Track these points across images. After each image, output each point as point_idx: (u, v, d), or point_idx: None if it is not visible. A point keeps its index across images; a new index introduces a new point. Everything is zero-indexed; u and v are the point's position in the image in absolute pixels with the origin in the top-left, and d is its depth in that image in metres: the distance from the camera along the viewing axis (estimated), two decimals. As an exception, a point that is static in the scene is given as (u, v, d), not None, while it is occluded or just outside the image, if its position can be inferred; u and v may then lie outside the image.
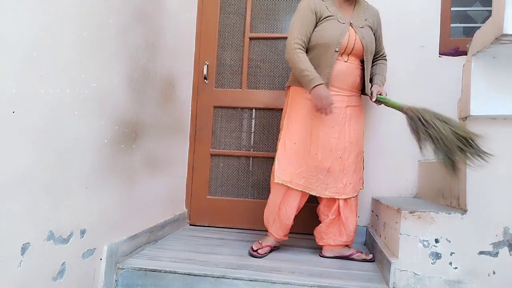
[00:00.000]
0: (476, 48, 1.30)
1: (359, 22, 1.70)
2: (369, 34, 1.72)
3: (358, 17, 1.71)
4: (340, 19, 1.67)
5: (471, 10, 2.98)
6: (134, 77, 1.64)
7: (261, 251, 1.75)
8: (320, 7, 1.68)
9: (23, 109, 1.02)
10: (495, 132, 1.36)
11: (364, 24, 1.71)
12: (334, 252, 1.78)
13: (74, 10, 1.21)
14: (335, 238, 1.77)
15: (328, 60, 1.64)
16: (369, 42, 1.70)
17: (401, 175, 2.08)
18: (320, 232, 1.81)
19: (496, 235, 1.34)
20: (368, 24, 1.73)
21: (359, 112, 1.77)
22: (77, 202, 1.29)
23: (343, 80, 1.68)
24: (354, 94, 1.74)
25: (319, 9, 1.68)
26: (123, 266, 1.53)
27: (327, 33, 1.64)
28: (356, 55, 1.69)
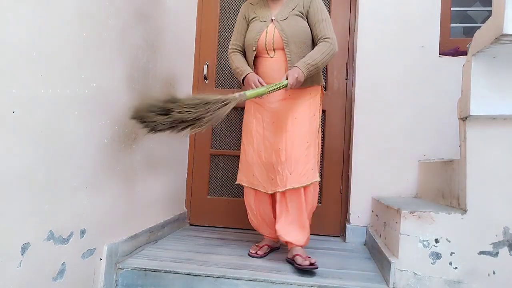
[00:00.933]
0: (476, 48, 1.30)
1: (283, 15, 1.69)
2: (293, 24, 1.67)
3: (283, 10, 1.70)
4: (262, 18, 1.72)
5: (471, 10, 2.98)
6: (134, 77, 1.64)
7: (260, 252, 1.75)
8: (248, 12, 1.78)
9: (23, 109, 1.02)
10: (495, 132, 1.36)
11: (290, 14, 1.68)
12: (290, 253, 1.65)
13: (74, 10, 1.21)
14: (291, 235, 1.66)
15: (250, 60, 1.74)
16: (290, 32, 1.66)
17: (401, 175, 2.08)
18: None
19: (496, 235, 1.34)
20: (296, 13, 1.68)
21: (301, 102, 1.70)
22: (77, 202, 1.29)
23: (271, 76, 1.68)
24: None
25: (248, 14, 1.78)
26: (123, 266, 1.53)
27: (248, 35, 1.74)
28: (280, 48, 1.68)
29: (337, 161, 2.28)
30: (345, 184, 2.26)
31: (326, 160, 2.29)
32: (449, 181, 1.57)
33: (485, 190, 1.36)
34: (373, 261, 1.75)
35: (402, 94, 2.10)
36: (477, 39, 1.31)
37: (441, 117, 2.03)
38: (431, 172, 1.85)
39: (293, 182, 1.61)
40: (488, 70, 1.32)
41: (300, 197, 1.63)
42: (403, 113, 2.09)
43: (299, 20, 1.68)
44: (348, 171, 2.24)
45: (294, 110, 1.69)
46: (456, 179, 1.47)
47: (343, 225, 2.23)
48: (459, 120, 1.45)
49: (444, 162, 1.64)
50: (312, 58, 1.61)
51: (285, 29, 1.66)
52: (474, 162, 1.36)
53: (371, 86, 2.13)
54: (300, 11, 1.69)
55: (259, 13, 1.74)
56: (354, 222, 2.13)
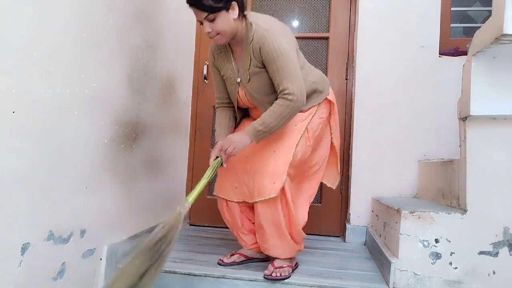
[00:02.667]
0: (476, 48, 1.30)
1: (245, 75, 1.49)
2: (257, 85, 1.49)
3: (244, 66, 1.49)
4: (230, 79, 1.57)
5: (471, 10, 2.98)
6: (134, 77, 1.64)
7: (226, 260, 1.61)
8: (216, 63, 1.62)
9: (23, 109, 1.02)
10: (495, 132, 1.36)
11: (250, 74, 1.47)
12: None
13: (74, 10, 1.21)
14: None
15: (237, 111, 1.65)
16: (257, 94, 1.50)
17: (401, 175, 2.08)
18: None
19: (496, 235, 1.34)
20: (254, 69, 1.46)
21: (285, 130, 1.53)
22: (77, 202, 1.29)
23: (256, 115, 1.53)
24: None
25: (217, 65, 1.62)
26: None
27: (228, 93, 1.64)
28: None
29: (337, 161, 2.28)
30: (345, 184, 2.26)
31: (326, 160, 2.29)
32: (449, 181, 1.57)
33: (485, 190, 1.36)
34: (373, 261, 1.75)
35: (402, 94, 2.10)
36: (477, 39, 1.31)
37: (441, 117, 2.03)
38: (431, 172, 1.85)
39: (256, 195, 1.44)
40: (488, 70, 1.32)
41: (274, 211, 1.44)
42: (403, 113, 2.09)
43: (260, 77, 1.47)
44: (348, 171, 2.24)
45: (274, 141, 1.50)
46: (456, 179, 1.47)
47: (343, 225, 2.23)
48: (459, 120, 1.45)
49: (444, 162, 1.64)
50: (265, 124, 1.38)
51: (252, 92, 1.51)
52: (474, 162, 1.37)
53: (371, 86, 2.13)
54: (257, 65, 1.45)
55: (226, 70, 1.57)
56: (354, 222, 2.13)
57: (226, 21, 1.38)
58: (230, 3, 1.37)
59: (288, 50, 1.38)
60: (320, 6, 2.37)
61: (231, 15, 1.38)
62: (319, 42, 2.36)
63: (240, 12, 1.42)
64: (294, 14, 2.40)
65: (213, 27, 1.38)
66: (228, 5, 1.37)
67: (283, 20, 2.38)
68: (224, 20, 1.37)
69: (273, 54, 1.37)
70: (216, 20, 1.37)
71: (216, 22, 1.37)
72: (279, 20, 1.51)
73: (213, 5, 1.34)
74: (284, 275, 1.45)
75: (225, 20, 1.37)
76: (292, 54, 1.40)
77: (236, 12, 1.40)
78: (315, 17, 2.38)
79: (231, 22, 1.39)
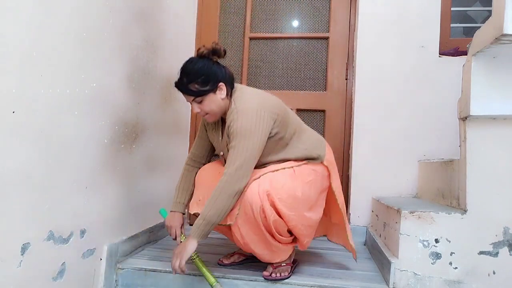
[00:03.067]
0: (476, 48, 1.30)
1: (225, 150, 1.47)
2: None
3: (223, 142, 1.48)
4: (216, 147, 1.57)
5: (471, 10, 2.98)
6: (134, 77, 1.64)
7: (226, 260, 1.62)
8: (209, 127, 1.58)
9: (23, 109, 1.02)
10: (495, 132, 1.36)
11: (229, 149, 1.39)
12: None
13: (74, 10, 1.21)
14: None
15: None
16: None
17: (401, 175, 2.08)
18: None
19: (496, 235, 1.34)
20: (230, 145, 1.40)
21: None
22: (77, 202, 1.29)
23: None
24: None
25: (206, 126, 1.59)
26: (123, 266, 1.53)
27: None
28: None
29: (337, 161, 2.27)
30: (345, 184, 2.25)
31: (326, 160, 2.29)
32: (449, 181, 1.57)
33: (485, 190, 1.36)
34: (373, 261, 1.75)
35: (402, 94, 2.10)
36: (477, 39, 1.31)
37: (441, 117, 2.03)
38: (431, 172, 1.84)
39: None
40: (488, 70, 1.32)
41: (255, 229, 1.35)
42: (403, 113, 2.09)
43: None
44: (348, 171, 2.24)
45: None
46: (456, 179, 1.47)
47: (343, 225, 2.23)
48: (459, 120, 1.45)
49: (444, 162, 1.64)
50: (203, 215, 1.31)
51: None
52: (474, 162, 1.36)
53: (371, 86, 2.13)
54: (230, 143, 1.39)
55: (213, 138, 1.56)
56: (354, 222, 2.13)
57: (213, 102, 1.39)
58: (217, 84, 1.38)
59: (251, 131, 1.32)
60: (320, 6, 2.37)
61: (218, 95, 1.39)
62: (319, 42, 2.36)
63: (229, 90, 1.43)
64: (294, 14, 2.40)
65: (201, 107, 1.39)
66: (215, 87, 1.38)
67: (283, 20, 2.39)
68: (211, 101, 1.39)
69: (234, 133, 1.34)
70: (204, 102, 1.38)
71: (204, 104, 1.38)
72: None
73: (199, 89, 1.36)
74: (284, 275, 1.44)
75: (212, 102, 1.39)
76: (256, 136, 1.33)
77: (224, 92, 1.40)
78: (315, 17, 2.38)
79: (219, 102, 1.40)
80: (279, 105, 1.44)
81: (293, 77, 2.38)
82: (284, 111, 1.46)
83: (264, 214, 1.32)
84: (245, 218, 1.34)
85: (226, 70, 1.45)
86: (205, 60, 1.40)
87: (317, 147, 1.51)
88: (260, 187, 1.33)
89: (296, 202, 1.37)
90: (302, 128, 1.53)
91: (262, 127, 1.34)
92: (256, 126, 1.34)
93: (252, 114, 1.34)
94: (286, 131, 1.44)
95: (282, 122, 1.42)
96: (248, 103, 1.38)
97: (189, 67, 1.37)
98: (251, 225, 1.35)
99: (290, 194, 1.35)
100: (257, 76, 2.41)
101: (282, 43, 2.40)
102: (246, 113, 1.34)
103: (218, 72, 1.39)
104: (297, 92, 2.36)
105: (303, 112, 2.34)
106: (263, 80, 2.40)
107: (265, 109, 1.37)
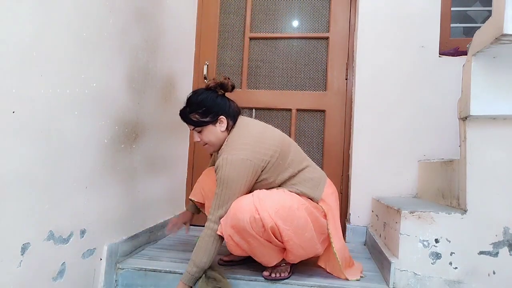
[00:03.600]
0: (476, 48, 1.30)
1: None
2: None
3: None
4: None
5: (471, 10, 2.98)
6: (134, 77, 1.64)
7: (225, 258, 1.64)
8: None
9: (23, 109, 1.02)
10: (495, 132, 1.36)
11: None
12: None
13: (74, 10, 1.21)
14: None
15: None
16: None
17: (401, 175, 2.08)
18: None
19: (496, 235, 1.34)
20: None
21: None
22: (77, 202, 1.29)
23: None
24: None
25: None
26: (123, 266, 1.53)
27: None
28: None
29: (337, 161, 2.28)
30: (345, 184, 2.26)
31: (326, 160, 2.29)
32: (449, 181, 1.57)
33: (485, 190, 1.36)
34: (373, 261, 1.75)
35: (402, 94, 2.10)
36: (477, 39, 1.31)
37: (441, 117, 2.03)
38: (431, 172, 1.84)
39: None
40: (488, 70, 1.32)
41: (246, 237, 1.33)
42: (403, 113, 2.09)
43: None
44: (348, 171, 2.24)
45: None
46: (456, 179, 1.47)
47: (343, 225, 2.23)
48: (459, 120, 1.45)
49: (444, 162, 1.64)
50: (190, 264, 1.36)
51: None
52: (474, 162, 1.36)
53: (371, 86, 2.13)
54: None
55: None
56: (354, 222, 2.13)
57: (212, 134, 1.43)
58: (217, 117, 1.42)
59: (234, 181, 1.32)
60: (320, 6, 2.37)
61: (218, 128, 1.43)
62: (319, 42, 2.36)
63: (230, 124, 1.45)
64: (294, 14, 2.40)
65: (201, 137, 1.45)
66: (215, 120, 1.42)
67: (283, 20, 2.39)
68: (210, 133, 1.43)
69: (218, 181, 1.34)
70: (203, 132, 1.44)
71: (203, 134, 1.44)
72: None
73: (199, 119, 1.41)
74: (284, 275, 1.45)
75: (211, 133, 1.43)
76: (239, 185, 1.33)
77: (224, 125, 1.43)
78: (315, 17, 2.38)
79: (218, 134, 1.43)
80: (275, 147, 1.40)
81: (293, 77, 2.38)
82: (281, 153, 1.41)
83: (256, 224, 1.29)
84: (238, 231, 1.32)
85: (232, 104, 1.48)
86: (211, 92, 1.45)
87: (313, 186, 1.45)
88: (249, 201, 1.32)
89: (284, 210, 1.32)
90: (300, 168, 1.46)
91: (246, 178, 1.34)
92: (240, 176, 1.33)
93: (239, 165, 1.33)
94: (277, 176, 1.41)
95: (275, 166, 1.40)
96: (238, 150, 1.36)
97: (193, 97, 1.43)
98: (245, 234, 1.32)
99: (279, 203, 1.32)
100: (257, 76, 2.41)
101: (282, 43, 2.40)
102: (232, 163, 1.33)
103: (221, 105, 1.43)
104: (297, 92, 2.36)
105: (303, 112, 2.35)
106: (263, 80, 2.40)
107: (255, 158, 1.35)
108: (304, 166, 1.47)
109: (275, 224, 1.29)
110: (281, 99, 2.36)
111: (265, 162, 1.37)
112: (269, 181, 1.41)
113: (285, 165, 1.43)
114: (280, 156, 1.41)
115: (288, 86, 2.38)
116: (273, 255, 1.41)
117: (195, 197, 1.71)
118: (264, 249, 1.37)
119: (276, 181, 1.42)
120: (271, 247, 1.36)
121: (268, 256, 1.41)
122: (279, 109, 2.37)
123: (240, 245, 1.36)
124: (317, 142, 2.33)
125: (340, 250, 1.46)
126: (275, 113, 2.38)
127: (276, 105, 2.35)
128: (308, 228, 1.36)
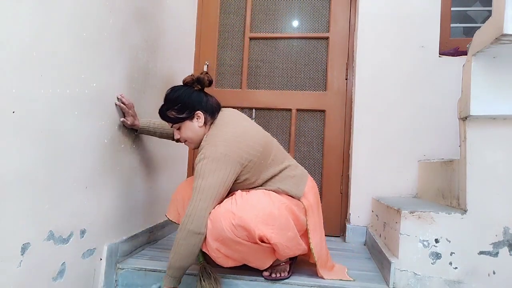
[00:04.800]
0: (476, 48, 1.30)
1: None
2: None
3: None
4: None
5: (471, 10, 2.98)
6: (134, 77, 1.64)
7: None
8: None
9: (23, 109, 1.02)
10: (495, 132, 1.36)
11: None
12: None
13: (74, 10, 1.21)
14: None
15: None
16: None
17: (401, 175, 2.08)
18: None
19: (496, 235, 1.34)
20: None
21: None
22: (77, 202, 1.29)
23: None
24: None
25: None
26: (123, 266, 1.53)
27: None
28: None
29: (337, 161, 2.28)
30: (345, 184, 2.26)
31: (326, 160, 2.29)
32: (449, 181, 1.57)
33: (485, 190, 1.36)
34: (373, 261, 1.75)
35: (402, 94, 2.10)
36: (477, 39, 1.31)
37: (441, 117, 2.03)
38: (431, 172, 1.85)
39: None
40: (488, 70, 1.32)
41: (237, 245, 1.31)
42: (403, 113, 2.09)
43: None
44: (348, 171, 2.24)
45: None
46: (456, 179, 1.47)
47: (343, 225, 2.23)
48: (459, 120, 1.45)
49: (444, 162, 1.64)
50: (170, 265, 1.31)
51: None
52: (474, 162, 1.36)
53: (371, 86, 2.13)
54: None
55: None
56: (354, 222, 2.13)
57: (190, 130, 1.44)
58: (194, 113, 1.42)
59: (209, 174, 1.29)
60: (320, 6, 2.37)
61: (196, 123, 1.43)
62: (319, 42, 2.36)
63: (209, 119, 1.44)
64: (294, 14, 2.40)
65: (180, 134, 1.47)
66: (191, 115, 1.42)
67: (283, 20, 2.39)
68: (188, 129, 1.44)
69: (196, 174, 1.32)
70: (181, 129, 1.45)
71: (182, 130, 1.45)
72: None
73: (176, 116, 1.43)
74: (284, 275, 1.44)
75: (188, 129, 1.44)
76: (214, 178, 1.29)
77: (201, 121, 1.43)
78: (315, 17, 2.38)
79: (196, 130, 1.44)
80: (257, 145, 1.38)
81: (293, 77, 2.38)
82: (262, 152, 1.39)
83: (237, 229, 1.27)
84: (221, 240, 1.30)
85: (210, 99, 1.47)
86: (187, 88, 1.45)
87: (294, 184, 1.45)
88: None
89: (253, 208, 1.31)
90: (282, 167, 1.45)
91: (224, 172, 1.31)
92: (218, 170, 1.30)
93: (218, 159, 1.31)
94: (259, 176, 1.40)
95: (257, 165, 1.39)
96: (217, 146, 1.33)
97: (170, 95, 1.45)
98: (230, 242, 1.30)
99: (258, 205, 1.31)
100: (257, 76, 2.41)
101: (282, 43, 2.40)
102: (210, 157, 1.31)
103: (197, 100, 1.43)
104: (297, 92, 2.36)
105: (303, 112, 2.35)
106: (263, 80, 2.40)
107: (235, 154, 1.33)
108: (286, 165, 1.47)
109: (257, 228, 1.26)
110: (281, 99, 2.36)
111: (245, 160, 1.35)
112: (251, 181, 1.40)
113: (267, 164, 1.42)
114: (262, 156, 1.40)
115: (288, 86, 2.38)
116: (266, 255, 1.39)
117: (171, 216, 1.64)
118: (256, 253, 1.35)
119: (258, 181, 1.41)
120: (261, 248, 1.33)
121: (262, 259, 1.40)
122: (279, 109, 2.37)
123: (230, 256, 1.35)
124: (317, 142, 2.33)
125: (317, 246, 1.46)
126: (275, 113, 2.38)
127: (276, 105, 2.35)
128: (291, 227, 1.36)
